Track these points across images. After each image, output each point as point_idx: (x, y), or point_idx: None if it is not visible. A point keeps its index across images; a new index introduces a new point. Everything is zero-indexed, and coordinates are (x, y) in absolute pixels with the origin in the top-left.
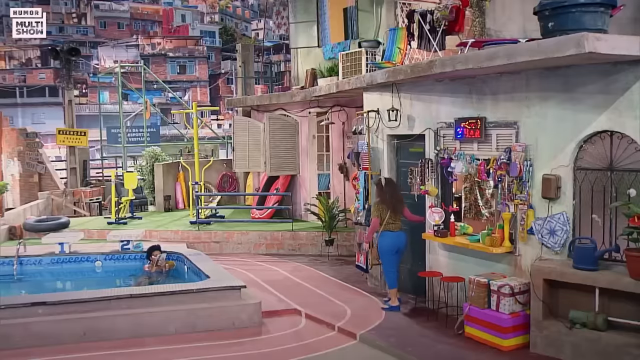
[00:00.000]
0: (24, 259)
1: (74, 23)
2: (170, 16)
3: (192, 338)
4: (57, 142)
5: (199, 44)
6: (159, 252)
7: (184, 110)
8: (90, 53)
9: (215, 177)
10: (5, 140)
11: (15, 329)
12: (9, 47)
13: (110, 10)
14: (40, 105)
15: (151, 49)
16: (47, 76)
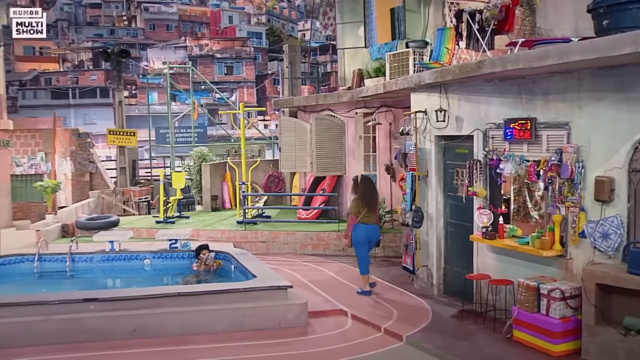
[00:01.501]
0: (76, 256)
1: (124, 25)
2: (217, 18)
3: (238, 337)
4: (107, 142)
5: (246, 45)
6: (207, 251)
7: (231, 111)
8: (139, 55)
9: (261, 177)
10: (59, 140)
11: (68, 324)
12: (63, 50)
13: (159, 13)
14: (92, 106)
15: (199, 50)
16: (99, 78)
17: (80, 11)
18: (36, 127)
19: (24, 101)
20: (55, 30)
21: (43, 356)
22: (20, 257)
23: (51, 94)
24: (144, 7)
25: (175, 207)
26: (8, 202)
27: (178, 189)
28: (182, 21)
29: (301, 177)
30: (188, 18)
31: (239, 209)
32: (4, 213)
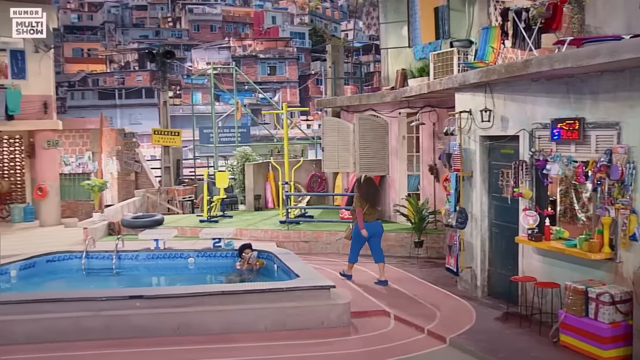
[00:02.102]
0: (122, 254)
1: (169, 27)
2: (260, 18)
3: (281, 336)
4: (152, 141)
5: (289, 45)
6: (250, 250)
7: (274, 111)
8: (184, 55)
9: (304, 177)
10: (106, 140)
11: (116, 320)
12: (110, 52)
13: (204, 14)
14: (137, 106)
15: (242, 50)
16: (144, 78)
17: (126, 13)
18: (84, 127)
19: (73, 102)
20: (103, 32)
21: (93, 351)
22: (68, 254)
23: (98, 94)
24: (188, 8)
25: (219, 206)
26: (57, 201)
27: (221, 188)
28: (226, 22)
29: (344, 177)
30: (232, 19)
31: (281, 209)
32: (53, 211)
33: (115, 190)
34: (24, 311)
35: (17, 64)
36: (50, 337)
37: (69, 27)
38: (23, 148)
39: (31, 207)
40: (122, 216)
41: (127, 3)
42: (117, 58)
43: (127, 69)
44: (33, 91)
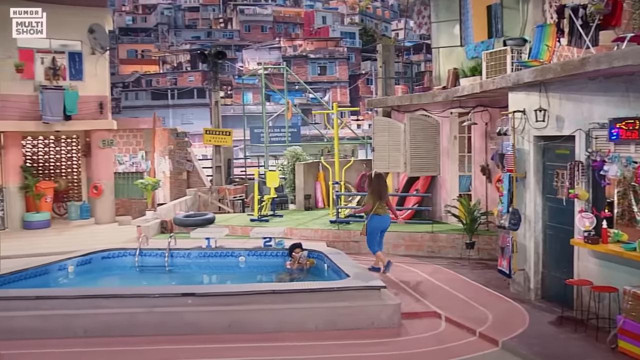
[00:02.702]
0: (174, 252)
1: (221, 28)
2: (311, 18)
3: (331, 336)
4: (203, 141)
5: (339, 45)
6: (301, 249)
7: (325, 111)
8: (235, 56)
9: (354, 177)
10: (158, 139)
11: (168, 317)
12: (163, 53)
13: (254, 15)
14: (189, 106)
15: (293, 50)
16: (196, 79)
17: (179, 15)
18: (137, 127)
19: (127, 102)
20: (156, 34)
21: (147, 346)
22: (123, 251)
23: (151, 94)
24: (239, 9)
25: (269, 205)
26: (112, 199)
27: (272, 187)
28: (277, 22)
29: (394, 177)
30: (282, 19)
31: (332, 208)
32: (108, 209)
33: (167, 189)
34: (82, 306)
35: (74, 65)
36: (106, 332)
37: (124, 29)
38: (79, 147)
39: (87, 205)
40: (174, 215)
41: (180, 5)
42: (170, 59)
43: (180, 69)
44: (89, 92)
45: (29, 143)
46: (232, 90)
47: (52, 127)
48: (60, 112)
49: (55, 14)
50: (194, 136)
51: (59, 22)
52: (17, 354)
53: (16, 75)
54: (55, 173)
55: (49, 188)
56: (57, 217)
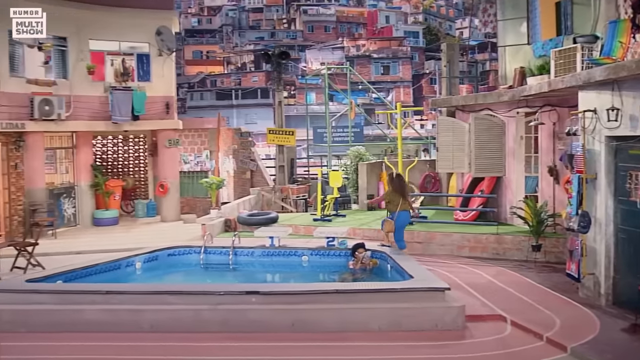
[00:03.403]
0: (238, 250)
1: (284, 28)
2: (374, 18)
3: (395, 337)
4: (267, 141)
5: (403, 45)
6: (364, 250)
7: (388, 111)
8: (298, 56)
9: (418, 178)
10: (223, 139)
11: (232, 314)
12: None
13: (318, 15)
14: (253, 106)
15: (356, 50)
16: (260, 79)
17: (243, 16)
18: (202, 126)
19: (192, 102)
20: (221, 35)
21: (211, 343)
22: (188, 248)
23: (216, 95)
24: (303, 9)
25: (332, 205)
26: (177, 197)
27: (335, 187)
28: (340, 22)
29: (458, 178)
30: (345, 19)
31: None
32: (174, 207)
33: (231, 188)
34: (149, 301)
35: (142, 67)
36: (172, 327)
37: (190, 31)
38: (146, 147)
39: (153, 203)
40: (238, 213)
41: (244, 6)
42: (234, 59)
43: (244, 70)
44: (156, 93)
45: (98, 142)
46: (296, 90)
47: (121, 127)
48: (128, 112)
49: (124, 17)
50: (258, 136)
51: (128, 25)
52: (87, 346)
53: (88, 77)
54: (123, 172)
55: (117, 186)
56: (125, 215)
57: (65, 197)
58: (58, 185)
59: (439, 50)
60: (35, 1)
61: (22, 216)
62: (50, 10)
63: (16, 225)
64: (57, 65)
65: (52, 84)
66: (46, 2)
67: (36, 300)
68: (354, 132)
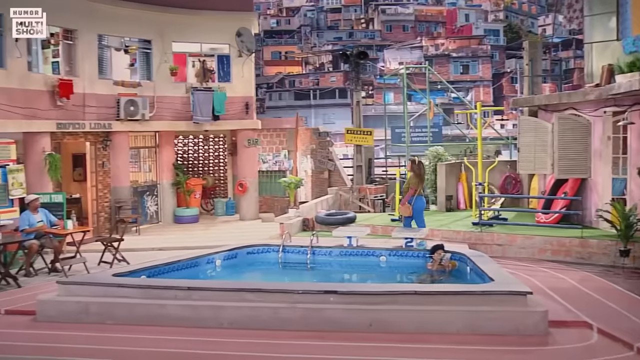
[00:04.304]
0: (316, 250)
1: (362, 28)
2: (453, 16)
3: (474, 340)
4: (345, 141)
5: (483, 43)
6: (442, 251)
7: (468, 110)
8: (376, 56)
9: (497, 178)
10: (301, 139)
11: (310, 313)
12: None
13: (396, 14)
14: (331, 106)
15: (434, 49)
16: (337, 79)
17: (321, 16)
18: (281, 126)
19: (271, 102)
20: (299, 36)
21: (290, 341)
22: (266, 247)
23: (294, 95)
24: (381, 9)
25: None
26: (255, 196)
27: None
28: (418, 21)
29: (540, 179)
30: (424, 18)
31: (474, 210)
32: (252, 206)
33: (308, 187)
34: (228, 298)
35: (223, 67)
36: (251, 325)
37: (268, 32)
38: (226, 146)
39: (232, 201)
40: (316, 213)
41: (322, 7)
42: (313, 60)
43: (322, 70)
44: (236, 93)
45: (180, 142)
46: (374, 90)
47: (202, 126)
48: (209, 112)
49: (206, 19)
50: (336, 136)
51: (209, 27)
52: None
53: (170, 78)
54: (203, 171)
55: (198, 185)
56: (205, 213)
57: (148, 195)
58: (142, 184)
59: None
60: (121, 7)
61: (108, 213)
62: (137, 14)
63: (103, 221)
64: (141, 67)
65: (137, 85)
66: (132, 7)
67: (121, 294)
68: (433, 132)
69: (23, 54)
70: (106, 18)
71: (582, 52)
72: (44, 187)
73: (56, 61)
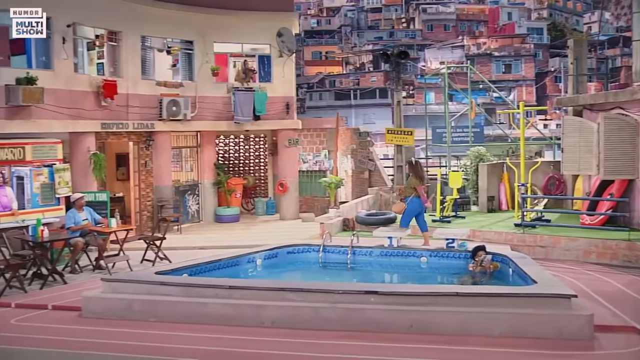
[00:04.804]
0: (356, 250)
1: (403, 28)
2: (496, 15)
3: (517, 343)
4: (385, 141)
5: (526, 42)
6: (484, 252)
7: (510, 110)
8: (417, 55)
9: (540, 179)
10: (341, 139)
11: (351, 313)
12: (346, 54)
13: (437, 13)
14: (371, 106)
15: (476, 49)
16: (378, 79)
17: (362, 16)
18: (321, 126)
19: (311, 102)
20: (340, 36)
21: (331, 340)
22: (307, 247)
23: (335, 95)
24: (422, 8)
25: (451, 206)
26: (296, 196)
27: (454, 188)
28: (460, 20)
29: (585, 180)
30: (465, 17)
31: (517, 211)
32: (292, 205)
33: (349, 187)
34: (270, 298)
35: (263, 68)
36: (292, 324)
37: (309, 32)
38: (267, 146)
39: (272, 201)
40: (356, 213)
41: (363, 6)
42: (353, 60)
43: (362, 70)
44: (277, 93)
45: (221, 141)
46: (414, 90)
47: (243, 126)
48: (250, 112)
49: (247, 20)
50: (376, 136)
51: (250, 28)
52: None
53: (212, 79)
54: (244, 170)
55: (238, 184)
56: (245, 212)
57: (190, 194)
58: (183, 183)
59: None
60: (164, 8)
61: (151, 212)
62: (179, 15)
63: (145, 220)
64: (183, 68)
65: (179, 86)
66: (174, 8)
67: (164, 292)
68: (474, 132)
69: (70, 56)
70: (149, 20)
71: (629, 50)
72: (89, 186)
73: (101, 62)
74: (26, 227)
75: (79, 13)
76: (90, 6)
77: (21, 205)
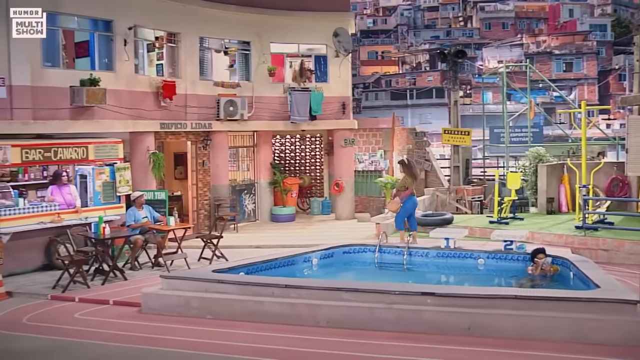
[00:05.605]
0: (412, 251)
1: (460, 26)
2: (556, 12)
3: (578, 349)
4: (442, 141)
5: (588, 39)
6: (544, 255)
7: (571, 110)
8: (474, 54)
9: (603, 181)
10: (397, 139)
11: (407, 314)
12: (402, 53)
13: (495, 11)
14: (428, 106)
15: (536, 47)
16: (434, 78)
17: (418, 15)
18: (377, 126)
19: (367, 102)
20: (396, 35)
21: (386, 341)
22: (363, 247)
23: (391, 95)
24: (479, 6)
25: (509, 207)
26: (351, 196)
27: (513, 189)
28: (519, 18)
29: None
30: (525, 15)
31: (577, 213)
32: (348, 205)
33: None
34: (326, 297)
35: (320, 68)
36: (347, 324)
37: (365, 32)
38: (322, 146)
39: (328, 201)
40: None
41: (419, 5)
42: (409, 59)
43: (419, 69)
44: (333, 93)
45: (277, 141)
46: (471, 90)
47: (299, 126)
48: (306, 112)
49: (303, 20)
50: (432, 136)
51: (306, 28)
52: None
53: (268, 79)
54: (300, 170)
55: (294, 184)
56: (301, 212)
57: (246, 194)
58: (240, 182)
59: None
60: (221, 9)
61: (208, 210)
62: (236, 17)
63: (202, 218)
64: (240, 68)
65: (236, 86)
66: (232, 10)
67: (221, 290)
68: (533, 132)
69: (130, 58)
70: (207, 21)
71: None
72: (148, 184)
73: (160, 63)
74: (89, 224)
75: (140, 15)
76: (150, 9)
77: (84, 203)
